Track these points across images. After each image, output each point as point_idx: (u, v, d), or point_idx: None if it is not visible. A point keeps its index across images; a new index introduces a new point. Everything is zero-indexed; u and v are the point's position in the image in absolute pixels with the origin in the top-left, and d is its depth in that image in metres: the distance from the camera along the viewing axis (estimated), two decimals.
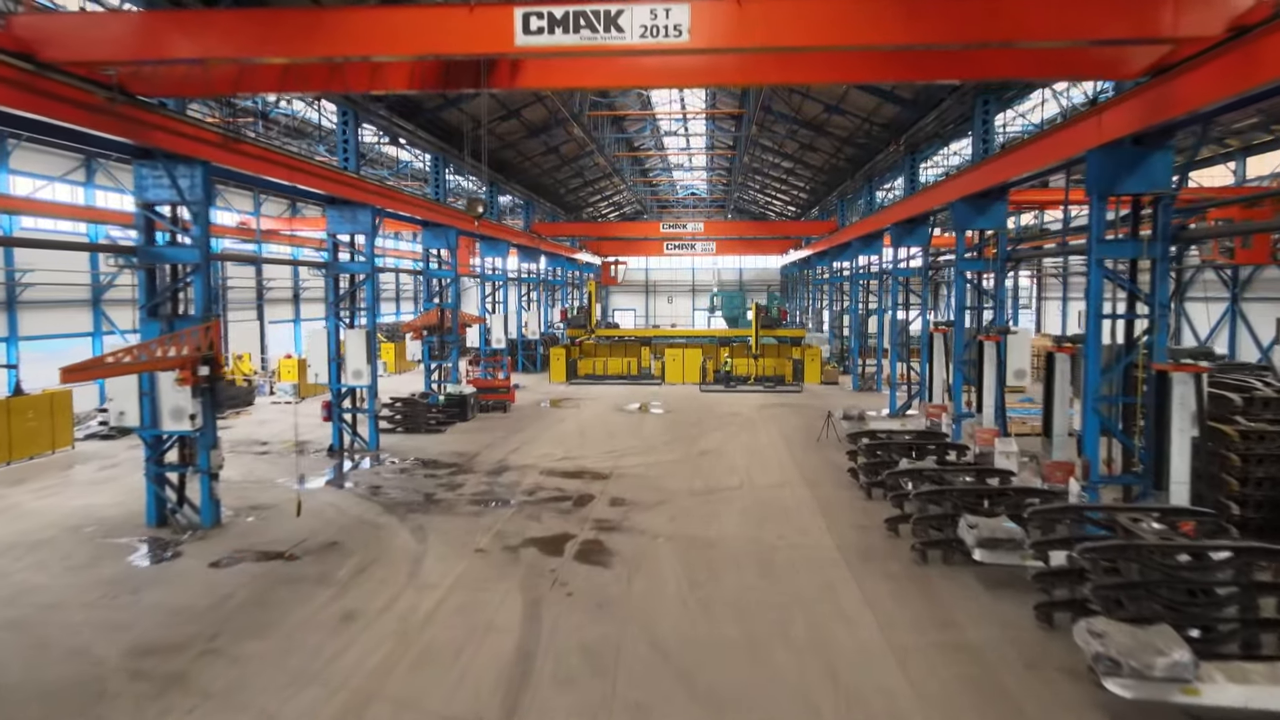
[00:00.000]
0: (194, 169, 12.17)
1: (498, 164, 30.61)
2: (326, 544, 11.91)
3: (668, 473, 16.73)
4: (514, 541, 12.08)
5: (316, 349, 18.74)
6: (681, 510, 13.82)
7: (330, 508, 13.93)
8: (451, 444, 19.82)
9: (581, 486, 15.53)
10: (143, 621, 9.12)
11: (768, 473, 16.71)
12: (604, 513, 13.69)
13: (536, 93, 18.89)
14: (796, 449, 19.12)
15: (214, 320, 12.43)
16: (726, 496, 14.75)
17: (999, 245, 17.81)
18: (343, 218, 18.44)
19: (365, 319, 19.09)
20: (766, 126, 27.10)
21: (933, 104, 20.00)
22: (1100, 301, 11.66)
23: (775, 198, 49.73)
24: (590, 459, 18.06)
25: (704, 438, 20.70)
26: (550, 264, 45.24)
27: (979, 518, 10.25)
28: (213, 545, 11.86)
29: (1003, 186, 16.78)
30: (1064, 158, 12.80)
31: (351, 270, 18.94)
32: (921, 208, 20.74)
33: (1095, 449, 11.58)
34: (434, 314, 25.29)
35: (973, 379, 18.35)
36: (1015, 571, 10.10)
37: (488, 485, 15.60)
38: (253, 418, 24.27)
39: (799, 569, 10.92)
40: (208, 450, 12.53)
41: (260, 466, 17.25)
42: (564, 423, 23.10)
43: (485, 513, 13.68)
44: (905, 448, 14.63)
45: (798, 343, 35.45)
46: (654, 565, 11.08)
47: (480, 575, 10.69)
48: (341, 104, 18.38)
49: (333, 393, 18.89)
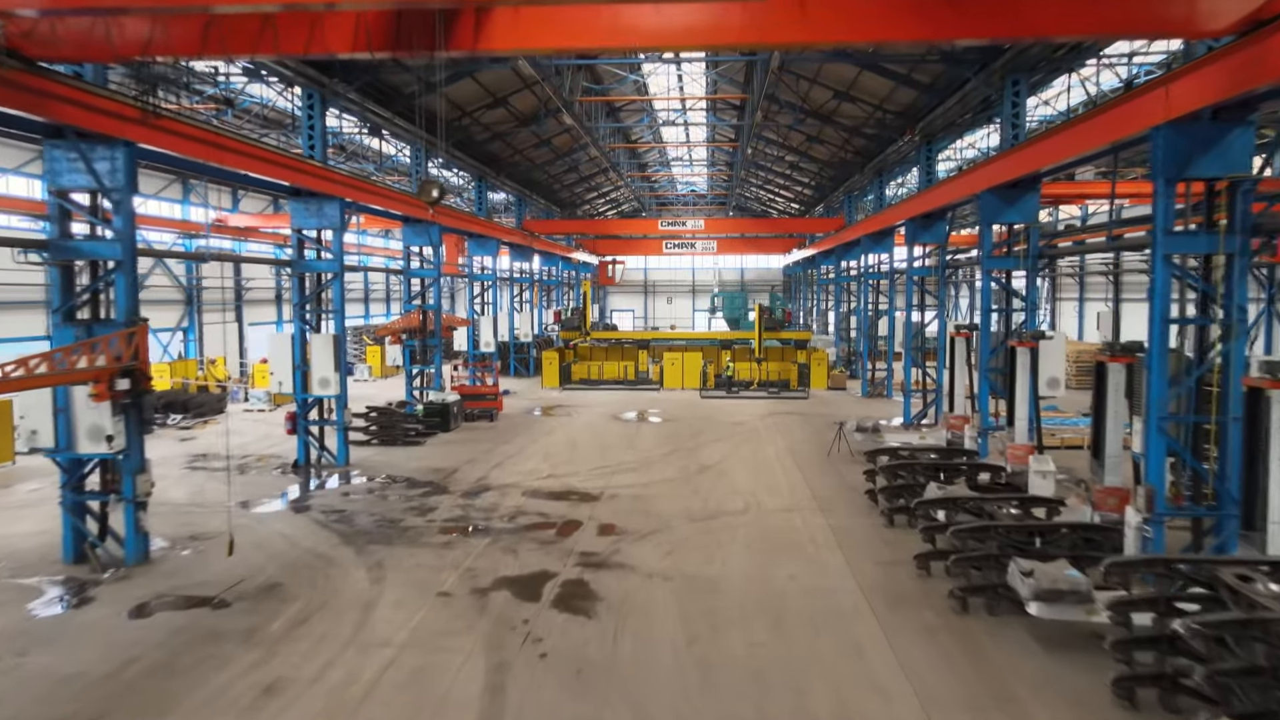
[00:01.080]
0: (114, 150, 10.50)
1: (487, 157, 28.94)
2: (266, 586, 10.24)
3: (664, 494, 15.06)
4: (485, 582, 10.41)
5: (280, 355, 17.08)
6: (679, 541, 12.15)
7: (280, 538, 12.26)
8: (429, 459, 18.15)
9: (567, 510, 13.86)
10: (16, 698, 7.45)
11: (775, 494, 15.04)
12: (591, 544, 12.02)
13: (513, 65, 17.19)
14: (806, 465, 17.45)
15: (140, 325, 10.76)
16: (730, 523, 13.08)
17: (1030, 241, 16.15)
18: (308, 211, 16.78)
19: (333, 322, 17.42)
20: (770, 116, 25.40)
21: (954, 88, 18.33)
22: (1167, 304, 10.01)
23: (778, 194, 48.02)
24: (579, 477, 16.39)
25: (704, 451, 19.03)
26: (545, 263, 43.58)
27: (1032, 562, 8.58)
28: (134, 587, 10.20)
29: (1035, 176, 15.15)
30: (1118, 138, 11.12)
31: (318, 269, 17.27)
32: (941, 201, 19.06)
33: (1161, 475, 9.92)
34: (415, 316, 23.66)
35: (1000, 388, 16.71)
36: (1076, 627, 8.45)
37: (463, 509, 13.93)
38: (220, 427, 22.59)
39: (817, 621, 9.25)
40: (133, 476, 10.87)
41: (214, 485, 15.58)
42: (554, 434, 21.44)
43: (456, 544, 12.01)
44: (931, 469, 12.97)
45: (803, 346, 33.78)
46: (645, 615, 9.41)
47: (440, 628, 9.02)
48: (306, 86, 16.71)
49: (298, 403, 17.23)
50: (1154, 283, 10.07)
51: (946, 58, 16.83)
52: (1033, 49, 15.50)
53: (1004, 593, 9.07)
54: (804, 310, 53.45)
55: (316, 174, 15.94)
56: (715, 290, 58.40)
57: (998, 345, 16.59)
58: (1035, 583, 8.10)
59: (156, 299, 28.77)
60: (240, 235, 31.72)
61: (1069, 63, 16.89)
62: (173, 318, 29.87)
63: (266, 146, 14.54)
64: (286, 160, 14.74)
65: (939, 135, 22.25)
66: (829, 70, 21.23)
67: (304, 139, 16.97)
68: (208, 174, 16.02)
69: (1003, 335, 16.67)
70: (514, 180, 33.35)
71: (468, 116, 23.58)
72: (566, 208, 46.35)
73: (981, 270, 16.38)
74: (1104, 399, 11.44)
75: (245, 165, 13.12)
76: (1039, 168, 14.12)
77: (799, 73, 22.12)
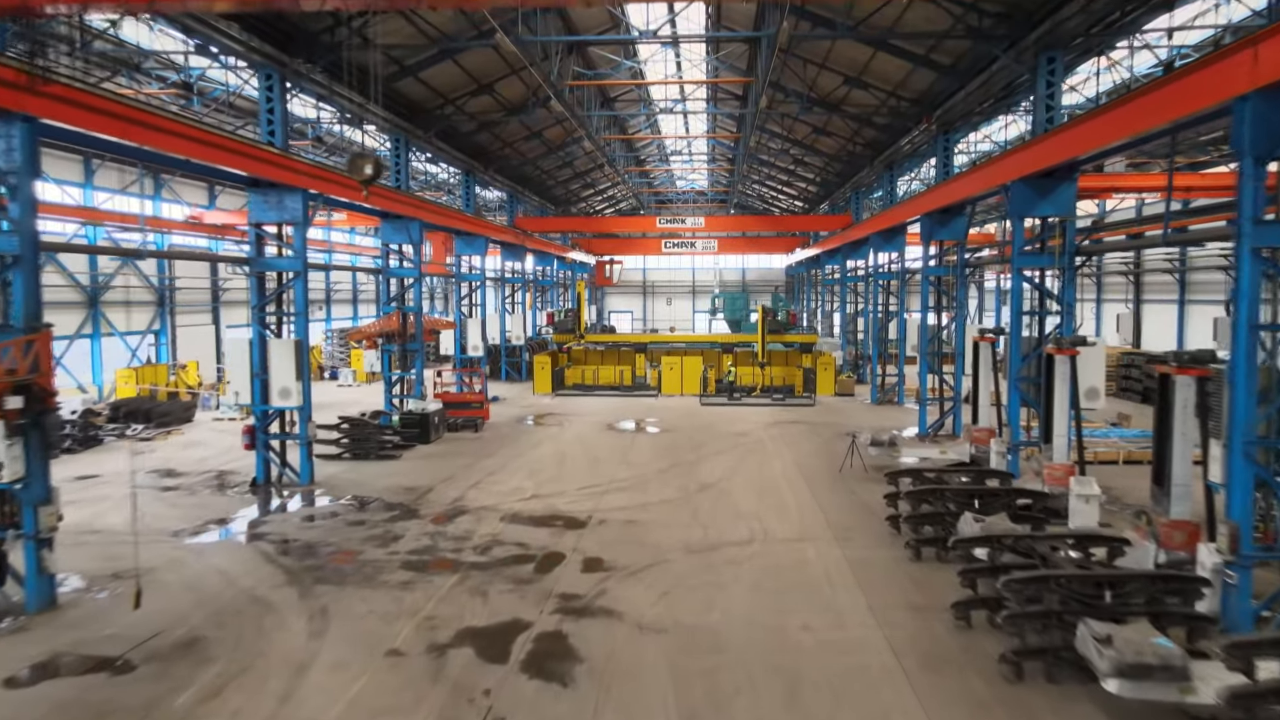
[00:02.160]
0: (10, 127, 8.92)
1: (474, 150, 27.36)
2: (185, 642, 8.64)
3: (660, 518, 13.46)
4: (445, 635, 8.81)
5: (237, 362, 15.52)
6: (675, 579, 10.55)
7: (217, 576, 10.66)
8: (403, 476, 16.56)
9: (550, 539, 12.26)
10: None
11: (784, 519, 13.44)
12: (573, 583, 10.42)
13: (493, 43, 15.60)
14: (817, 483, 15.85)
15: (42, 332, 9.18)
16: (733, 556, 11.48)
17: (1065, 237, 14.56)
18: (267, 203, 15.20)
19: (295, 326, 15.83)
20: (775, 105, 23.82)
21: (978, 69, 16.72)
22: (1255, 307, 8.38)
23: (781, 191, 46.43)
24: (567, 497, 14.80)
25: (704, 466, 17.43)
26: (539, 263, 42.01)
27: (1108, 626, 6.98)
28: (28, 642, 8.61)
29: (1073, 164, 13.57)
30: (1187, 113, 9.53)
31: (278, 267, 15.68)
32: (963, 193, 17.43)
33: (1248, 510, 8.33)
34: (394, 319, 22.07)
35: (1031, 399, 15.12)
36: (1164, 704, 6.85)
37: (431, 538, 12.33)
38: (184, 437, 21.03)
39: (839, 687, 7.65)
40: (34, 508, 9.27)
41: (158, 508, 13.99)
42: (542, 446, 19.83)
43: (418, 583, 10.41)
44: (964, 495, 11.35)
45: (809, 349, 32.17)
46: (633, 681, 7.81)
47: (383, 702, 7.42)
48: (264, 65, 15.11)
49: (256, 415, 15.65)
50: (1239, 280, 8.46)
51: (972, 33, 15.23)
52: (1069, 21, 13.93)
53: (1067, 655, 7.48)
54: (807, 312, 51.84)
55: (275, 162, 14.34)
56: (716, 291, 56.78)
57: (1029, 351, 15.01)
58: (1117, 655, 6.50)
59: (125, 300, 27.19)
60: (217, 233, 30.15)
61: (1106, 40, 15.31)
62: (143, 319, 28.26)
63: (202, 127, 12.91)
64: (231, 144, 13.11)
65: (957, 124, 20.66)
66: (839, 52, 19.65)
67: (263, 124, 15.38)
68: (130, 156, 14.42)
69: (1036, 340, 15.09)
70: (505, 176, 31.78)
71: (450, 104, 22.02)
72: (561, 205, 44.78)
73: (1012, 268, 14.78)
74: (1169, 416, 9.83)
75: (176, 147, 11.50)
76: (1079, 154, 12.56)
77: (806, 56, 20.55)
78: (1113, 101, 11.34)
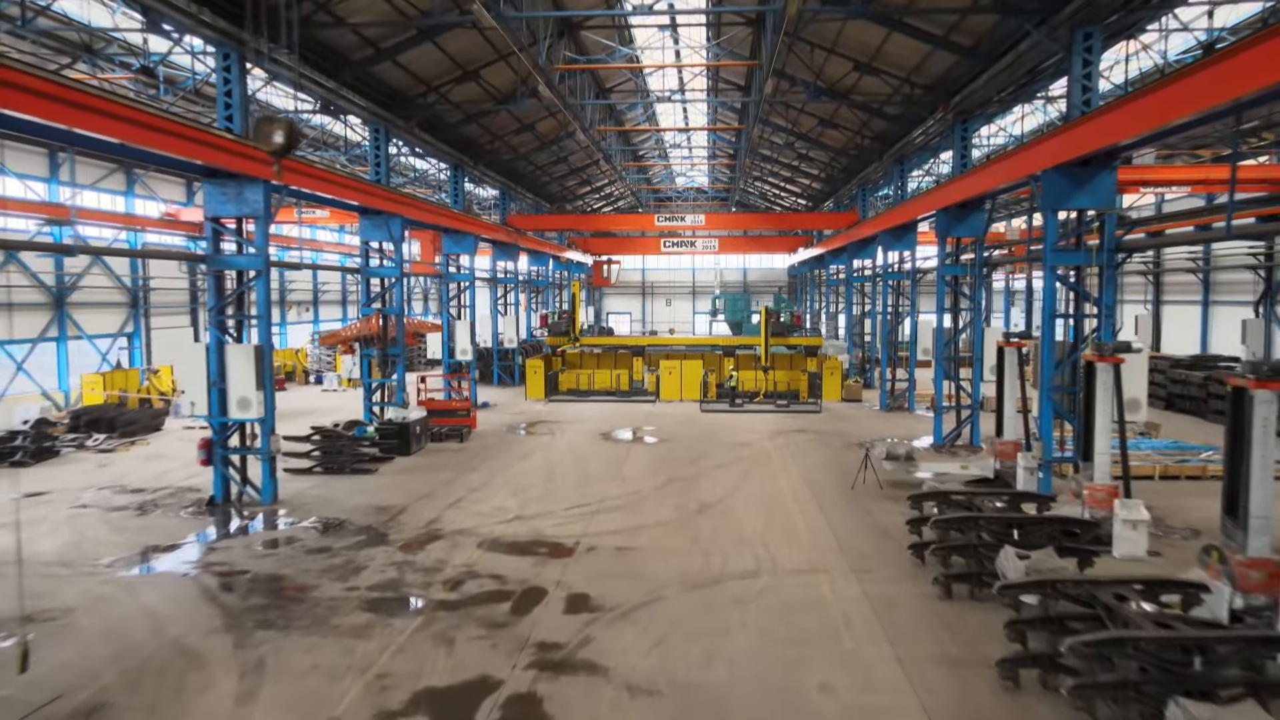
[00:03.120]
0: None
1: (462, 143, 25.99)
2: (87, 710, 7.26)
3: (655, 544, 12.09)
4: (398, 698, 7.44)
5: (191, 368, 14.14)
6: (672, 623, 9.17)
7: (145, 618, 9.28)
8: (377, 493, 15.19)
9: (531, 570, 10.89)
10: None
11: (793, 543, 12.06)
12: (554, 627, 9.05)
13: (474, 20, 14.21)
14: (828, 501, 14.48)
15: None
16: (738, 593, 10.10)
17: (1104, 231, 13.21)
18: (225, 195, 13.84)
19: (257, 330, 14.47)
20: (780, 93, 22.46)
21: (1004, 48, 15.33)
22: None
23: (784, 189, 45.04)
24: (553, 519, 13.43)
25: (705, 482, 16.06)
26: (534, 263, 40.65)
27: (1206, 708, 5.60)
28: None
29: (1114, 150, 12.21)
30: (1263, 85, 8.19)
31: (236, 265, 14.30)
32: (985, 185, 16.07)
33: None
34: (372, 321, 20.70)
35: (1064, 410, 13.75)
36: None
37: (398, 570, 10.95)
38: (149, 448, 19.68)
39: None
40: None
41: (98, 532, 12.64)
42: (531, 458, 18.46)
43: (375, 627, 9.03)
44: (1001, 524, 9.97)
45: (814, 353, 30.80)
46: None
47: None
48: (218, 43, 13.75)
49: (213, 427, 14.29)
50: None
51: (1000, 6, 13.86)
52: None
53: None
54: (810, 313, 50.48)
55: (229, 149, 12.91)
56: (716, 292, 55.49)
57: (1064, 358, 13.64)
58: None
59: (95, 301, 25.83)
60: (196, 231, 28.77)
61: (1145, 16, 13.94)
62: (115, 321, 26.90)
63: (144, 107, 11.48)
64: (178, 128, 11.68)
65: (976, 113, 19.27)
66: (850, 35, 18.26)
67: (219, 107, 14.00)
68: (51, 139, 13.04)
69: (1071, 346, 13.73)
70: (496, 171, 30.40)
71: (433, 92, 20.64)
72: (557, 203, 43.41)
73: (1044, 266, 13.41)
74: (1244, 436, 8.45)
75: (108, 129, 10.10)
76: (1125, 137, 11.22)
77: (814, 41, 19.17)
78: (1169, 77, 9.97)
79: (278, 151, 9.70)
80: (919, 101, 19.90)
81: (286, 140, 9.71)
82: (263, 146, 9.84)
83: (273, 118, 11.67)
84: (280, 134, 9.54)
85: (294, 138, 10.62)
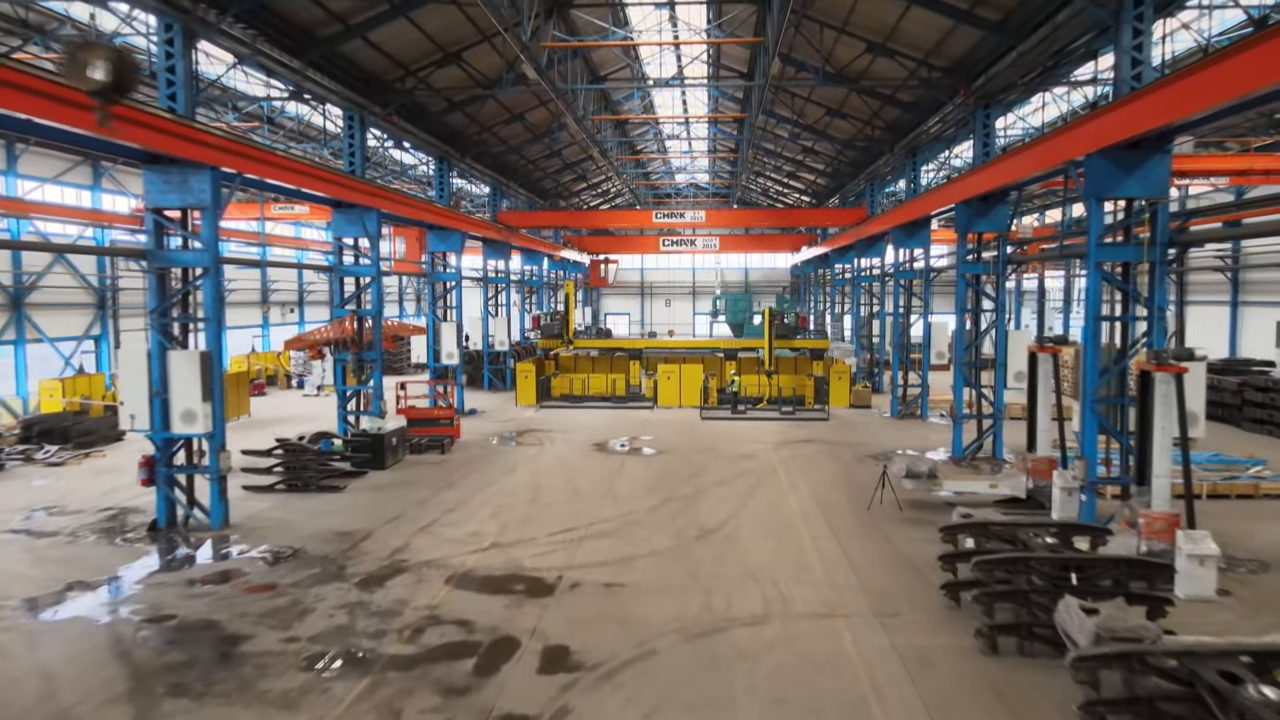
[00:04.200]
0: None
1: (447, 134, 24.49)
2: None
3: (648, 579, 10.58)
4: None
5: (130, 377, 12.66)
6: (666, 687, 7.66)
7: (37, 680, 7.77)
8: (342, 514, 13.70)
9: (504, 615, 9.38)
10: None
11: (806, 579, 10.55)
12: (524, 691, 7.54)
13: None
14: (842, 525, 12.97)
15: None
16: (744, 645, 8.58)
17: (1156, 224, 11.69)
18: (168, 184, 12.38)
19: (204, 334, 12.97)
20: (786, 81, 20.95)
21: (1038, 21, 13.81)
22: None
23: (788, 185, 43.53)
24: (535, 547, 11.93)
25: (705, 501, 14.55)
26: (527, 262, 39.12)
27: None
28: None
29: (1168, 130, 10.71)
30: None
31: (182, 262, 12.82)
32: (1016, 174, 14.52)
33: None
34: (346, 323, 19.18)
35: (1110, 425, 12.23)
36: None
37: (349, 614, 9.44)
38: (104, 461, 18.22)
39: None
40: None
41: (19, 564, 11.14)
42: (515, 473, 16.96)
43: (308, 695, 7.52)
44: (1054, 565, 8.43)
45: (819, 356, 29.31)
46: None
47: None
48: (161, 13, 12.25)
49: (155, 443, 12.80)
50: None
51: None
52: None
53: None
54: (814, 314, 48.95)
55: (168, 130, 11.41)
56: (717, 292, 53.96)
57: (1109, 367, 12.12)
58: None
59: (57, 301, 24.33)
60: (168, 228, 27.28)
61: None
62: (80, 323, 25.40)
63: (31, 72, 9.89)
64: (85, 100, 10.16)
65: (999, 97, 17.76)
66: (864, 11, 16.76)
67: (161, 84, 12.52)
68: None
69: (1117, 352, 12.21)
70: (485, 165, 28.89)
71: (412, 75, 19.12)
72: (551, 200, 41.90)
73: (1089, 262, 11.88)
74: None
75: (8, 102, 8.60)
76: (1185, 114, 9.71)
77: (823, 20, 17.67)
78: (1256, 37, 8.44)
79: (99, 92, 7.21)
80: (937, 85, 18.39)
81: (111, 78, 7.23)
82: (77, 83, 7.41)
83: (92, 44, 8.86)
84: (100, 68, 7.01)
85: (124, 73, 7.88)
